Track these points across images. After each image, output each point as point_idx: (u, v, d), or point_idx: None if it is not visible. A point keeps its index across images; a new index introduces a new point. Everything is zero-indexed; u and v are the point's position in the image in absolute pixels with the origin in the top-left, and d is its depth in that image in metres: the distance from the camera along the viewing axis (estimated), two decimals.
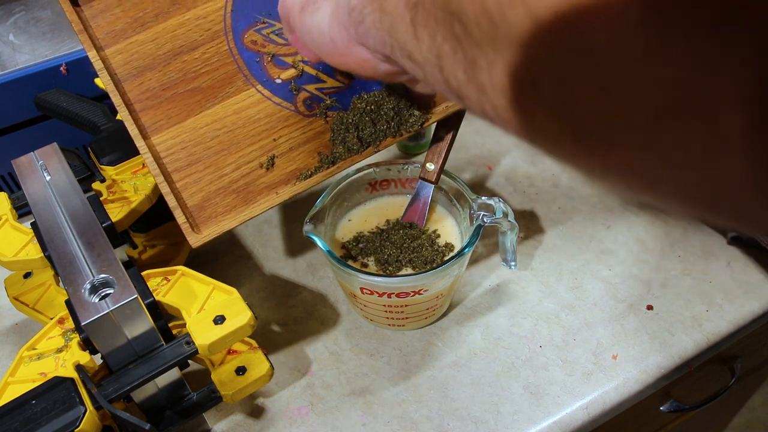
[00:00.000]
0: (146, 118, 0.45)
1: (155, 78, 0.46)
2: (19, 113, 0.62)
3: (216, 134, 0.46)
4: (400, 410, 0.47)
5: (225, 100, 0.46)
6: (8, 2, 0.70)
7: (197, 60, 0.46)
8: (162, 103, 0.45)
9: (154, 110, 0.45)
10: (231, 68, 0.47)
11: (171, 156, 0.45)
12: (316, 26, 0.35)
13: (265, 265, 0.59)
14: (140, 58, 0.45)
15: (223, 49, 0.47)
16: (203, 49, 0.46)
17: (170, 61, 0.46)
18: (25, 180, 0.48)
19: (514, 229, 0.49)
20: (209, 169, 0.46)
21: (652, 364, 0.49)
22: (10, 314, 0.56)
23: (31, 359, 0.41)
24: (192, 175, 0.45)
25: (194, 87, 0.46)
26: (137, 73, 0.45)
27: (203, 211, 0.45)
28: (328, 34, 0.34)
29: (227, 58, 0.47)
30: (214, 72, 0.46)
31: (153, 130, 0.45)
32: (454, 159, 0.67)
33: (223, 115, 0.46)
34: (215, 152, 0.46)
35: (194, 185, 0.45)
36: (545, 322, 0.52)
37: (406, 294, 0.46)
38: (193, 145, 0.46)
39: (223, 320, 0.40)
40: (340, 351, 0.51)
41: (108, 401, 0.38)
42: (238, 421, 0.47)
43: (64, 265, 0.41)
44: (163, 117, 0.45)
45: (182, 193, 0.45)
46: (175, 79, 0.46)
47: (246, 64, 0.47)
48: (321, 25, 0.35)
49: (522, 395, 0.47)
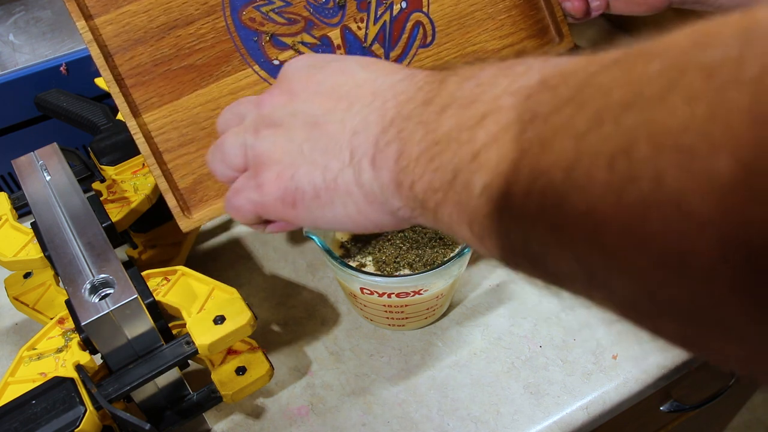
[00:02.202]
0: (137, 95, 0.43)
1: (147, 53, 0.43)
2: (19, 113, 0.62)
3: (210, 115, 0.44)
4: (400, 410, 0.47)
5: (220, 79, 0.45)
6: (8, 2, 0.70)
7: (192, 36, 0.44)
8: (154, 80, 0.43)
9: (145, 87, 0.43)
10: (227, 46, 0.45)
11: (162, 136, 0.44)
12: (331, 217, 0.29)
13: (265, 265, 0.59)
14: (132, 31, 0.43)
15: (220, 25, 0.44)
16: (198, 24, 0.44)
17: (164, 36, 0.43)
18: (25, 180, 0.48)
19: None
20: (202, 151, 0.44)
21: (652, 364, 0.49)
22: (10, 314, 0.56)
23: (31, 359, 0.41)
24: (183, 156, 0.44)
25: (188, 64, 0.44)
26: (128, 47, 0.43)
27: (194, 194, 0.44)
28: (355, 220, 0.28)
29: (224, 35, 0.45)
30: (210, 49, 0.44)
31: (144, 108, 0.43)
32: None
33: (217, 95, 0.45)
34: (208, 134, 0.44)
35: (185, 167, 0.44)
36: (545, 322, 0.52)
37: (406, 294, 0.46)
38: (186, 125, 0.44)
39: (223, 320, 0.40)
40: (340, 351, 0.51)
41: (108, 401, 0.38)
42: (238, 421, 0.47)
43: (64, 265, 0.41)
44: (155, 94, 0.44)
45: (173, 174, 0.44)
46: (169, 54, 0.44)
47: (243, 42, 0.45)
48: (343, 217, 0.28)
49: (522, 395, 0.47)
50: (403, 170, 0.24)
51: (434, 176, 0.23)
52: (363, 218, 0.28)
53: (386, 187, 0.25)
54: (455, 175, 0.22)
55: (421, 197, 0.24)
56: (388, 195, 0.26)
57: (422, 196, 0.24)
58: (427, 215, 0.24)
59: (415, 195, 0.24)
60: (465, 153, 0.21)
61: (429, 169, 0.23)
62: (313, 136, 0.28)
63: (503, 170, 0.19)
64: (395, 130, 0.25)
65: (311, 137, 0.28)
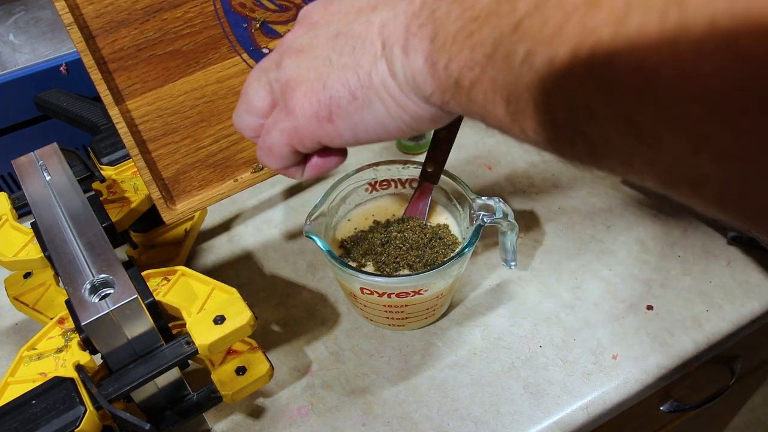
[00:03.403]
0: (120, 80, 0.41)
1: (131, 36, 0.41)
2: (19, 113, 0.62)
3: (195, 103, 0.43)
4: (400, 410, 0.47)
5: (207, 67, 0.43)
6: (8, 2, 0.70)
7: (179, 19, 0.42)
8: (138, 65, 0.41)
9: (128, 72, 0.41)
10: (215, 32, 0.43)
11: (146, 124, 0.42)
12: (371, 119, 0.28)
13: (265, 265, 0.59)
14: (114, 12, 0.40)
15: (208, 10, 0.42)
16: (186, 8, 0.42)
17: (148, 18, 0.41)
18: (25, 180, 0.48)
19: (514, 229, 0.49)
20: (186, 141, 0.43)
21: (652, 364, 0.49)
22: (10, 314, 0.56)
23: (31, 359, 0.41)
24: (167, 146, 0.43)
25: (174, 50, 0.42)
26: (110, 29, 0.40)
27: (177, 184, 0.43)
28: (395, 117, 0.27)
29: (212, 20, 0.43)
30: (197, 35, 0.42)
31: (127, 94, 0.42)
32: (454, 159, 0.67)
33: (204, 83, 0.43)
34: (193, 123, 0.43)
35: (169, 156, 0.43)
36: (545, 322, 0.52)
37: (406, 294, 0.46)
38: (170, 113, 0.43)
39: (223, 320, 0.40)
40: (340, 351, 0.51)
41: (108, 401, 0.38)
42: (238, 421, 0.47)
43: (64, 265, 0.41)
44: (138, 80, 0.42)
45: (157, 164, 0.43)
46: (154, 39, 0.41)
47: (232, 28, 0.43)
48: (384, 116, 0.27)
49: (522, 395, 0.47)
50: (438, 50, 0.24)
51: (472, 52, 0.22)
52: (402, 113, 0.27)
53: (419, 70, 0.25)
54: (495, 48, 0.21)
55: (456, 76, 0.23)
56: (420, 80, 0.25)
57: (457, 74, 0.23)
58: (460, 96, 0.24)
59: (449, 74, 0.24)
60: (505, 24, 0.21)
61: (467, 45, 0.22)
62: (338, 44, 0.28)
63: (547, 35, 0.19)
64: (427, 12, 0.24)
65: (336, 45, 0.28)
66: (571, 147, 0.20)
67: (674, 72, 0.15)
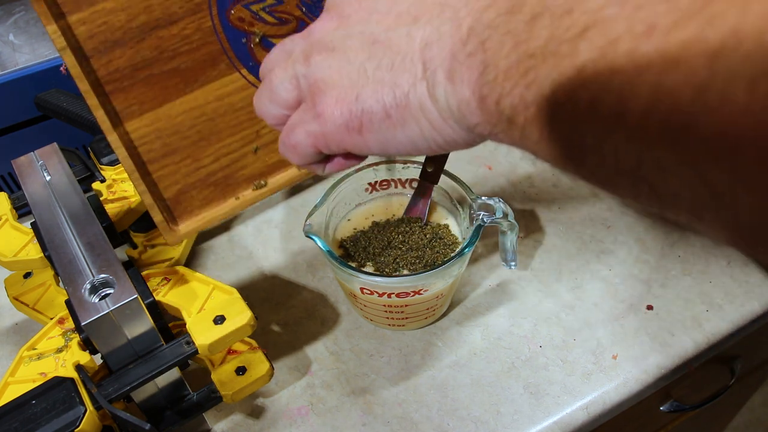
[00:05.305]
0: (117, 102, 0.40)
1: (126, 56, 0.39)
2: (19, 113, 0.62)
3: (195, 123, 0.42)
4: (400, 410, 0.47)
5: (206, 84, 0.42)
6: (8, 2, 0.70)
7: (176, 36, 0.40)
8: (135, 85, 0.40)
9: (125, 93, 0.40)
10: (214, 48, 0.41)
11: (145, 146, 0.41)
12: (403, 138, 0.27)
13: (265, 265, 0.59)
14: (108, 31, 0.38)
15: (206, 26, 0.41)
16: (183, 24, 0.40)
17: (144, 37, 0.39)
18: (25, 180, 0.48)
19: (514, 229, 0.49)
20: (186, 161, 0.42)
21: (652, 364, 0.49)
22: (10, 314, 0.56)
23: (31, 359, 0.41)
24: (167, 167, 0.42)
25: (172, 68, 0.40)
26: (105, 49, 0.38)
27: (179, 204, 0.42)
28: (429, 139, 0.27)
29: (210, 36, 0.41)
30: (195, 52, 0.41)
31: (125, 116, 0.40)
32: (454, 159, 0.67)
33: (203, 102, 0.42)
34: (193, 142, 0.42)
35: (169, 177, 0.42)
36: (545, 322, 0.52)
37: (406, 294, 0.46)
38: (169, 134, 0.41)
39: (223, 320, 0.40)
40: (340, 351, 0.51)
41: (108, 401, 0.38)
42: (238, 421, 0.47)
43: (64, 265, 0.41)
44: (135, 101, 0.40)
45: (158, 185, 0.42)
46: (150, 58, 0.40)
47: (231, 44, 0.42)
48: (417, 136, 0.27)
49: (522, 395, 0.47)
50: (488, 84, 0.23)
51: (527, 90, 0.21)
52: (437, 136, 0.26)
53: (466, 102, 0.24)
54: (554, 91, 0.20)
55: (508, 113, 0.22)
56: (466, 111, 0.24)
57: (509, 112, 0.22)
58: (513, 132, 0.23)
59: (501, 110, 0.22)
60: (566, 67, 0.19)
61: (521, 83, 0.21)
62: (375, 54, 0.27)
63: (616, 87, 0.17)
64: (477, 41, 0.23)
65: (373, 55, 0.27)
66: (633, 190, 0.20)
67: (760, 145, 0.14)
